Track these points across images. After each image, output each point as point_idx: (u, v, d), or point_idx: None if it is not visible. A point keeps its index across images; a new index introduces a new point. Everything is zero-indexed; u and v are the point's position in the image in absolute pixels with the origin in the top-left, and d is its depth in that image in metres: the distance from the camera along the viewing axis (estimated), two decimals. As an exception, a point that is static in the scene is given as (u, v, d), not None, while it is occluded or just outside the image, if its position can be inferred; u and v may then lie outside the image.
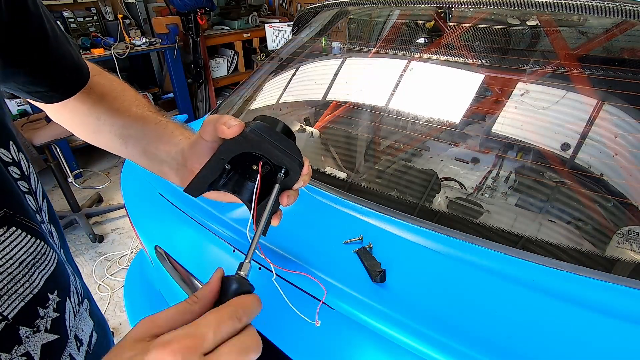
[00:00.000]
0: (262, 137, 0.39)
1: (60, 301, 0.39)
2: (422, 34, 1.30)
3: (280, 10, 4.43)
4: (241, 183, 0.45)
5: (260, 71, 1.40)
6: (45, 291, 0.37)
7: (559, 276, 0.62)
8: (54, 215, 0.47)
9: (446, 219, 0.76)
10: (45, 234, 0.40)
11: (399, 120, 1.09)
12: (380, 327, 0.56)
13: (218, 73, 3.95)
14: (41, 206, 0.43)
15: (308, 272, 0.65)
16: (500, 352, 0.51)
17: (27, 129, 2.19)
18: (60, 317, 0.39)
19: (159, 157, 0.49)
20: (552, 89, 0.92)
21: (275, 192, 0.41)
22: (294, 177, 0.42)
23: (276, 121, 0.42)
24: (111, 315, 1.92)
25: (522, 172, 0.97)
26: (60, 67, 0.45)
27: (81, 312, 0.45)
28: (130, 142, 0.51)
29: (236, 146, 0.39)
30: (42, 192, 0.45)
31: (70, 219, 2.47)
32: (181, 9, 3.27)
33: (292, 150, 0.40)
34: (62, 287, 0.40)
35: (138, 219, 1.08)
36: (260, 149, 0.39)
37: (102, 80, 0.53)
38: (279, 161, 0.40)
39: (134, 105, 0.52)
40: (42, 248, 0.38)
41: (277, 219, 0.44)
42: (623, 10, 0.75)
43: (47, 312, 0.37)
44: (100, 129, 0.52)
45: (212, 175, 0.41)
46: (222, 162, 0.40)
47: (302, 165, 0.41)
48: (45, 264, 0.38)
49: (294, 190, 0.43)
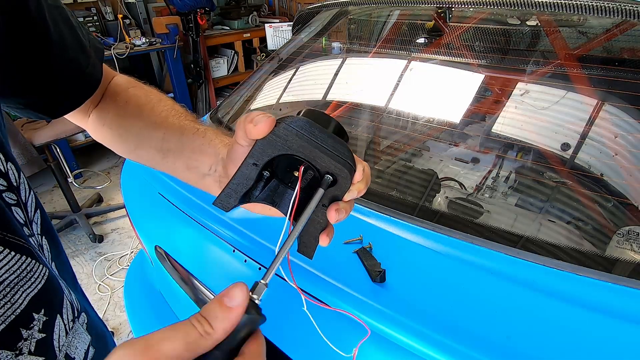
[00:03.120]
0: (302, 135, 0.33)
1: (47, 320, 0.37)
2: (422, 34, 1.30)
3: (280, 10, 4.43)
4: (283, 193, 0.38)
5: (260, 71, 1.40)
6: (29, 311, 0.35)
7: (559, 276, 0.62)
8: (48, 226, 0.45)
9: (446, 219, 0.76)
10: (34, 249, 0.38)
11: (399, 120, 1.09)
12: (380, 327, 0.56)
13: (218, 73, 3.95)
14: (32, 218, 0.41)
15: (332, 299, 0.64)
16: (500, 352, 0.51)
17: (27, 129, 2.19)
18: (47, 338, 0.37)
19: (202, 171, 0.45)
20: (552, 89, 0.92)
21: (315, 200, 0.33)
22: (344, 185, 0.34)
23: (325, 117, 0.35)
24: (111, 315, 1.92)
25: (522, 172, 0.97)
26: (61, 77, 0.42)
27: (76, 327, 0.42)
28: (170, 156, 0.47)
29: (269, 148, 0.33)
30: (35, 203, 0.42)
31: (70, 219, 2.48)
32: (181, 9, 3.27)
33: (341, 152, 0.33)
34: (51, 304, 0.38)
35: (138, 219, 1.08)
36: (298, 150, 0.33)
37: (138, 92, 0.51)
38: (324, 165, 0.33)
39: (170, 116, 0.48)
40: (27, 265, 0.35)
41: (326, 237, 0.36)
42: (623, 10, 0.75)
43: (31, 334, 0.35)
44: (142, 144, 0.49)
45: (244, 185, 0.35)
46: (254, 168, 0.34)
47: (353, 170, 0.34)
48: (31, 281, 0.35)
49: (345, 202, 0.35)
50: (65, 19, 0.42)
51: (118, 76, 0.53)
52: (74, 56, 0.43)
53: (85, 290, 0.55)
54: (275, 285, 0.38)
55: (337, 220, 0.34)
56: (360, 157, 0.36)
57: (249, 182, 0.35)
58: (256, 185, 0.36)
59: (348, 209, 0.35)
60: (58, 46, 0.40)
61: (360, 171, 0.35)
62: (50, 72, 0.41)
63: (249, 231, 0.77)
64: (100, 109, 0.50)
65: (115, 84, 0.52)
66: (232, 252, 0.78)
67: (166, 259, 0.97)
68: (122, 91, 0.51)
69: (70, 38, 0.42)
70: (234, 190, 0.35)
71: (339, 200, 0.35)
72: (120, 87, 0.51)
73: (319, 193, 0.34)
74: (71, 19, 0.43)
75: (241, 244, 0.76)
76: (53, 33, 0.39)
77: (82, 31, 0.45)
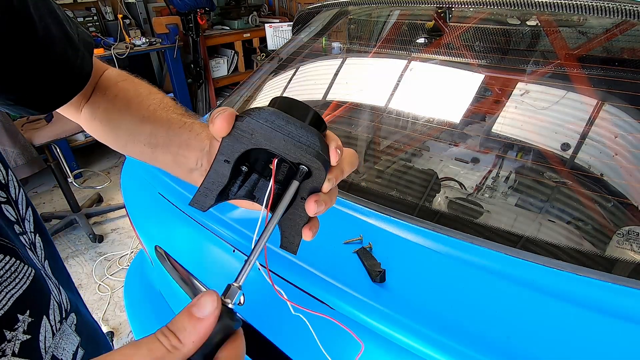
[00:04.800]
0: (266, 127, 0.31)
1: (32, 321, 0.36)
2: (422, 34, 1.30)
3: (280, 10, 4.43)
4: (263, 187, 0.36)
5: (260, 71, 1.40)
6: (13, 312, 0.34)
7: (559, 276, 0.62)
8: (40, 224, 0.44)
9: (446, 219, 0.76)
10: (20, 249, 0.37)
11: (399, 120, 1.09)
12: (380, 327, 0.56)
13: (218, 73, 3.95)
14: (24, 215, 0.41)
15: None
16: (500, 352, 0.51)
17: (27, 129, 2.19)
18: (32, 339, 0.36)
19: (189, 166, 0.44)
20: (552, 89, 0.92)
21: (290, 193, 0.32)
22: (319, 177, 0.32)
23: (299, 105, 0.33)
24: (111, 315, 1.92)
25: (522, 172, 0.97)
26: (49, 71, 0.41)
27: (63, 329, 0.42)
28: (158, 150, 0.46)
29: (236, 143, 0.32)
30: (26, 200, 0.42)
31: (70, 219, 2.48)
32: (181, 9, 3.27)
33: (311, 142, 0.31)
34: (37, 305, 0.38)
35: (138, 219, 1.08)
36: (265, 144, 0.31)
37: (128, 86, 0.50)
38: (294, 157, 0.32)
39: (159, 109, 0.48)
40: (12, 265, 0.35)
41: (309, 231, 0.34)
42: (623, 10, 0.75)
43: (15, 335, 0.34)
44: (132, 140, 0.48)
45: (219, 184, 0.34)
46: (227, 165, 0.33)
47: (326, 161, 0.32)
48: (15, 282, 0.35)
49: (325, 193, 0.33)
50: (51, 12, 0.41)
51: (109, 69, 0.52)
52: (61, 50, 0.42)
53: (85, 290, 0.55)
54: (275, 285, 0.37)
55: (316, 213, 0.33)
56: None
57: (224, 180, 0.34)
58: (234, 181, 0.35)
59: (328, 201, 0.34)
60: (44, 39, 0.39)
61: (335, 159, 0.32)
62: (37, 66, 0.40)
63: (249, 231, 0.77)
64: (92, 103, 0.50)
65: (106, 78, 0.51)
66: (232, 252, 0.78)
67: (166, 259, 0.97)
68: (112, 85, 0.50)
69: (57, 31, 0.41)
70: (209, 189, 0.34)
71: (318, 191, 0.33)
72: (110, 80, 0.51)
73: (294, 185, 0.32)
74: (58, 12, 0.42)
75: (241, 244, 0.76)
76: (38, 26, 0.38)
77: (70, 24, 0.44)
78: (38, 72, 0.41)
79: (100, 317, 1.89)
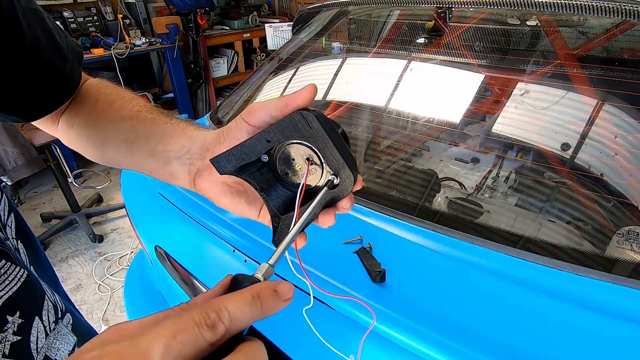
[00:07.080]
0: (323, 129, 0.31)
1: (23, 323, 0.37)
2: (422, 34, 1.30)
3: (280, 10, 4.43)
4: (272, 185, 0.36)
5: (260, 71, 1.40)
6: (2, 314, 0.35)
7: (559, 276, 0.62)
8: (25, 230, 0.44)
9: (446, 219, 0.76)
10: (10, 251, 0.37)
11: (399, 120, 1.09)
12: (380, 327, 0.56)
13: (218, 73, 3.95)
14: (5, 221, 0.41)
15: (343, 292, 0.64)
16: (500, 352, 0.51)
17: (27, 128, 2.19)
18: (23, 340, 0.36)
19: (169, 156, 0.42)
20: (552, 89, 0.92)
21: (319, 198, 0.33)
22: (345, 189, 0.33)
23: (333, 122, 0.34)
24: (111, 315, 1.92)
25: (522, 172, 0.97)
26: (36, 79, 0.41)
27: (58, 329, 0.42)
28: (136, 145, 0.45)
29: (291, 130, 0.31)
30: (9, 207, 0.42)
31: (70, 219, 2.48)
32: (181, 9, 3.27)
33: (350, 156, 0.32)
34: (28, 306, 0.38)
35: (138, 219, 1.08)
36: (316, 142, 0.31)
37: (110, 91, 0.50)
38: (335, 165, 0.32)
39: (143, 110, 0.47)
40: (2, 267, 0.35)
41: (303, 239, 0.36)
42: (623, 10, 0.75)
43: (4, 336, 0.35)
44: (108, 139, 0.47)
45: (248, 156, 0.33)
46: (266, 144, 0.32)
47: (356, 178, 0.33)
48: (5, 284, 0.35)
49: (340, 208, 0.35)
50: (40, 21, 0.41)
51: (90, 79, 0.52)
52: (49, 58, 0.42)
53: (85, 290, 0.55)
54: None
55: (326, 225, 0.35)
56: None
57: (252, 157, 0.33)
58: (255, 164, 0.34)
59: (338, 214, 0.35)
60: (32, 47, 0.39)
61: (360, 181, 0.34)
62: (25, 74, 0.40)
63: (249, 231, 0.77)
64: (69, 112, 0.49)
65: (87, 85, 0.51)
66: (232, 252, 0.78)
67: (166, 259, 0.97)
68: (93, 91, 0.50)
69: (45, 40, 0.41)
70: (237, 156, 0.33)
71: (333, 204, 0.34)
72: (92, 87, 0.50)
73: (323, 191, 0.33)
74: (47, 22, 0.42)
75: (241, 244, 0.76)
76: (27, 34, 0.38)
77: (59, 34, 0.44)
78: (25, 80, 0.41)
79: (100, 317, 1.89)
